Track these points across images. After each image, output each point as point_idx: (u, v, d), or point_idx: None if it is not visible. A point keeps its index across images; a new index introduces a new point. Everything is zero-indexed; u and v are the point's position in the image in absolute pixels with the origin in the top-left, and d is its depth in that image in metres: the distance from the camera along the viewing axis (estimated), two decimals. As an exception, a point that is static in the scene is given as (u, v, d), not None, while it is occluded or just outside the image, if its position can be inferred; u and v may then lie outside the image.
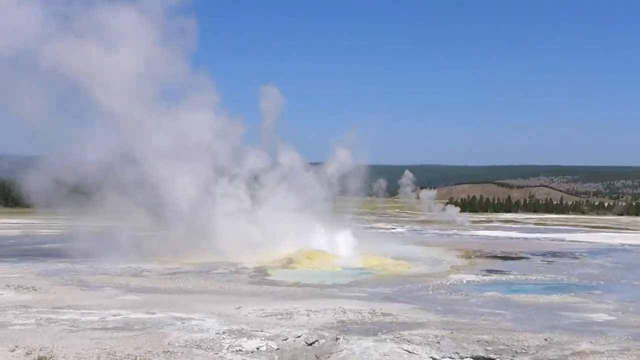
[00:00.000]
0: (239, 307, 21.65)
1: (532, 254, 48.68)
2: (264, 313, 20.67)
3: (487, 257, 46.66)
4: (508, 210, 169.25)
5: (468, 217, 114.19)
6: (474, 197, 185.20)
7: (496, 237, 69.70)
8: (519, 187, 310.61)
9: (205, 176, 43.49)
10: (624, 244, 60.39)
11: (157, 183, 40.74)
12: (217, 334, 16.83)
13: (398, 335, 17.40)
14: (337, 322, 19.37)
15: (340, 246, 44.29)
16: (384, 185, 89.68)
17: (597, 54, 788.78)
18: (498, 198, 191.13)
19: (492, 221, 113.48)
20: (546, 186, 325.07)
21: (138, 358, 14.18)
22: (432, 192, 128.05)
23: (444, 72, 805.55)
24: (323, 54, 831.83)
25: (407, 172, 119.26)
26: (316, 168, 52.34)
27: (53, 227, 62.50)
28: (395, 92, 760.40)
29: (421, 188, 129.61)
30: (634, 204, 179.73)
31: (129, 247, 39.96)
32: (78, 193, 40.57)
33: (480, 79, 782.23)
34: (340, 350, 16.01)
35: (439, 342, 16.79)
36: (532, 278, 35.16)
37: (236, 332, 17.08)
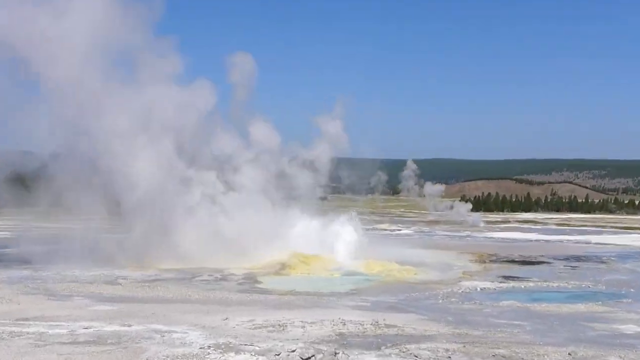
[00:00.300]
0: (226, 319, 21.68)
1: (554, 258, 48.80)
2: (253, 325, 20.70)
3: (504, 261, 46.76)
4: (527, 209, 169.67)
5: (482, 217, 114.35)
6: (488, 194, 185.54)
7: (514, 240, 69.91)
8: (540, 183, 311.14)
9: (171, 162, 42.38)
10: (656, 247, 60.60)
11: (115, 170, 39.70)
12: (201, 348, 16.84)
13: (404, 350, 17.44)
14: (336, 335, 19.41)
15: (339, 249, 44.30)
16: (384, 179, 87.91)
17: (630, 38, 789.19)
18: (516, 195, 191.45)
19: (510, 221, 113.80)
20: (570, 182, 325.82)
21: (113, 375, 14.22)
22: (439, 188, 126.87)
23: (452, 55, 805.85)
24: (312, 36, 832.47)
25: (409, 162, 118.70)
26: (298, 148, 50.61)
27: (9, 229, 62.09)
28: (397, 77, 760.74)
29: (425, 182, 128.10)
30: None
31: (99, 250, 39.86)
32: (25, 187, 40.19)
33: (495, 63, 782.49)
34: (340, 367, 16.03)
35: (449, 357, 16.84)
36: (554, 285, 35.28)
37: (223, 346, 17.09)
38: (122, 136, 40.19)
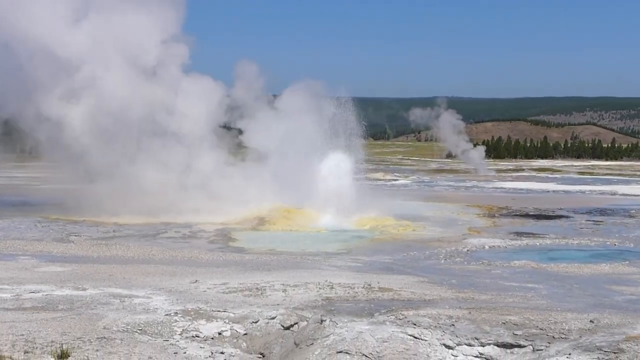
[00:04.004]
0: (195, 281, 21.75)
1: (575, 212, 49.15)
2: (227, 288, 20.77)
3: (516, 215, 47.09)
4: (544, 155, 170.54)
5: (492, 164, 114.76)
6: (499, 138, 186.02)
7: (528, 190, 70.40)
8: (559, 125, 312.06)
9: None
10: (692, 199, 61.14)
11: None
12: (166, 315, 16.90)
13: (400, 317, 17.53)
14: (323, 300, 19.50)
15: (326, 202, 44.24)
16: None
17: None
18: (531, 140, 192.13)
19: (523, 170, 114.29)
20: (594, 124, 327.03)
21: (65, 346, 14.18)
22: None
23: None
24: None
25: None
26: None
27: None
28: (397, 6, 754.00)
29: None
30: None
31: (48, 203, 39.74)
32: None
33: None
34: (326, 336, 16.13)
35: (453, 325, 16.96)
36: (575, 242, 35.54)
37: (192, 312, 17.16)
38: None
